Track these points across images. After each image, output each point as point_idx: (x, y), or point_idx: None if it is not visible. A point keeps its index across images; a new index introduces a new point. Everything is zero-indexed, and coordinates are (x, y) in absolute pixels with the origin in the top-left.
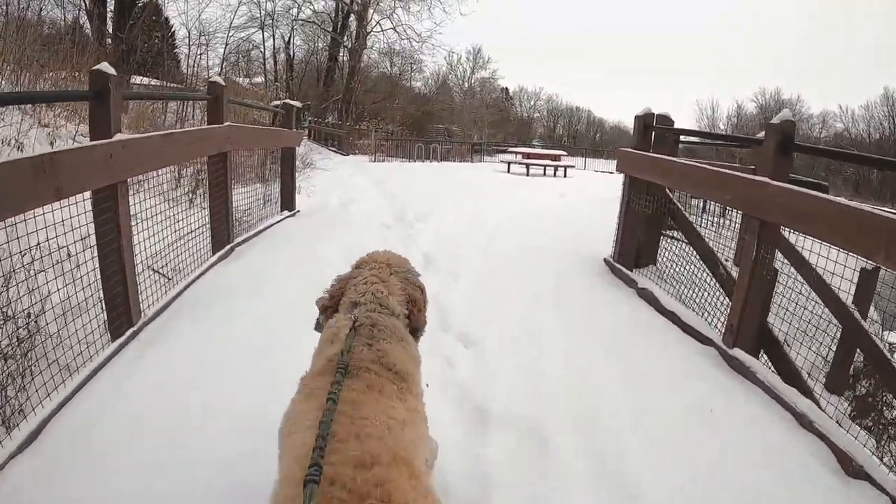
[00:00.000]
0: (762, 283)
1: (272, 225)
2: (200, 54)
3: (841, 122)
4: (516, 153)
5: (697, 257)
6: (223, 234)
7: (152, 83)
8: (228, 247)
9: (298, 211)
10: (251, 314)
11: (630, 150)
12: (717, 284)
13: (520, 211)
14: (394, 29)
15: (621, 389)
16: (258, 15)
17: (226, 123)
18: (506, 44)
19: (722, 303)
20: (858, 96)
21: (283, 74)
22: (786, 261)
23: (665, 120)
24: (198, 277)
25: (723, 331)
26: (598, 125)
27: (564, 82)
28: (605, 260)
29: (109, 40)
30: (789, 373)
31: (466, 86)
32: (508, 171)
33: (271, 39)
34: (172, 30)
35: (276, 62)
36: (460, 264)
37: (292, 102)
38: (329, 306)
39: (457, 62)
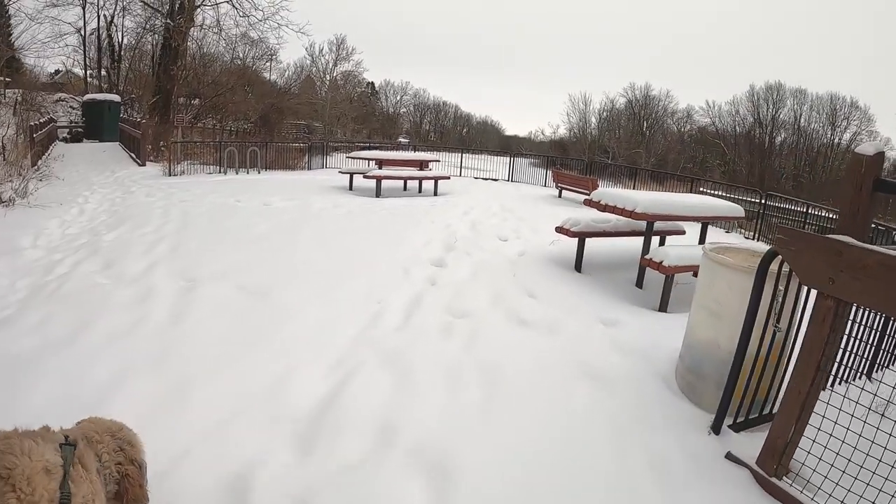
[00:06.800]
0: None
1: None
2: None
3: (707, 116)
4: (367, 159)
5: None
6: None
7: None
8: None
9: None
10: None
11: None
12: None
13: None
14: (229, 2)
15: None
16: None
17: None
18: (371, 36)
19: None
20: (727, 93)
21: (107, 63)
22: None
23: None
24: None
25: None
26: (466, 120)
27: (429, 73)
28: None
29: None
30: None
31: (328, 79)
32: (350, 189)
33: (95, 20)
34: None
35: (100, 48)
36: None
37: None
38: None
39: (318, 53)
